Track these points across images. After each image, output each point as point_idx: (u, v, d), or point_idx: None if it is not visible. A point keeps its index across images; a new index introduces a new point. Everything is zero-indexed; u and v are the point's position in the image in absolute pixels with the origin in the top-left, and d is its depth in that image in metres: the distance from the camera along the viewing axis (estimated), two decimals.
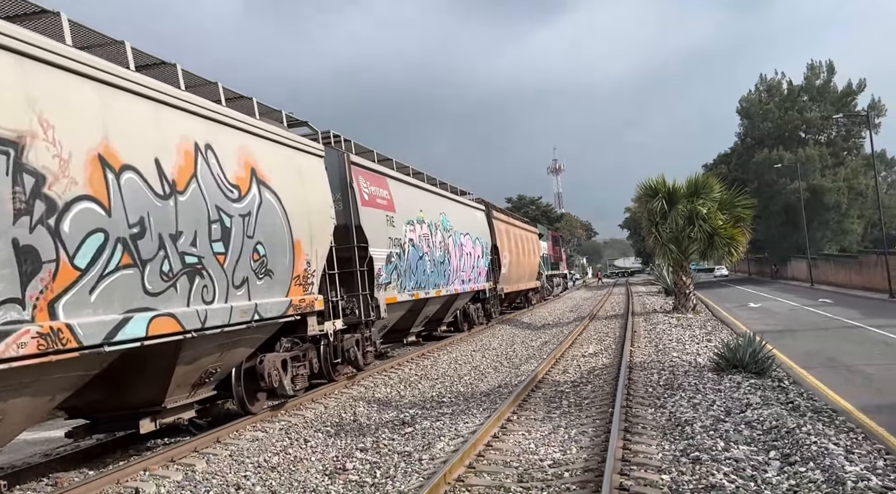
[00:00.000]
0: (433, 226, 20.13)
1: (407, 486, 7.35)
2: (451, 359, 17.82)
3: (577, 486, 6.91)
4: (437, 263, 20.08)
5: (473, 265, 24.71)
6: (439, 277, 20.25)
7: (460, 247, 22.99)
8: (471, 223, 25.21)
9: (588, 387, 12.43)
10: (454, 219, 22.62)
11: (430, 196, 20.86)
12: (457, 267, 22.21)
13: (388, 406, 12.17)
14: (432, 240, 19.80)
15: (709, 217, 26.72)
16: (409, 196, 18.42)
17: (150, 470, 8.48)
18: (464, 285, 23.15)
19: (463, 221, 23.88)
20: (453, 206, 23.27)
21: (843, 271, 44.36)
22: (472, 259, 24.64)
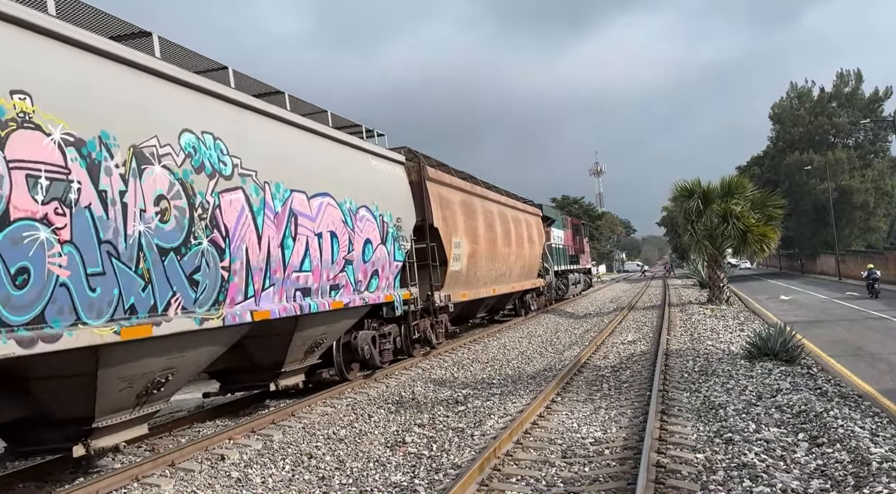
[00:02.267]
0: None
1: (460, 459, 7.35)
2: (500, 345, 17.77)
3: (616, 463, 6.82)
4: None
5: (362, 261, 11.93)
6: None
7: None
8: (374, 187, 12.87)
9: (627, 372, 12.26)
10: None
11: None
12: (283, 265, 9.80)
13: (443, 386, 12.19)
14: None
15: (742, 215, 26.19)
16: None
17: (234, 439, 8.66)
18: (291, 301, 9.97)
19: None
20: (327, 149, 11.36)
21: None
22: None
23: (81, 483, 6.90)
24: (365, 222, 11.98)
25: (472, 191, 19.02)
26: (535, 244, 25.88)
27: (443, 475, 6.86)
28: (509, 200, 23.75)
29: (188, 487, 6.95)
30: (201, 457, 7.92)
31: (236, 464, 7.72)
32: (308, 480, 7.08)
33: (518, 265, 23.15)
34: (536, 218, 27.58)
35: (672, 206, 36.22)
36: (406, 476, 6.98)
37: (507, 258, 21.48)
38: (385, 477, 6.97)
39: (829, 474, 6.17)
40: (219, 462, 7.79)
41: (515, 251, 22.44)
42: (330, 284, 10.67)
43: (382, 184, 13.09)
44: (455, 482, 6.13)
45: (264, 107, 9.56)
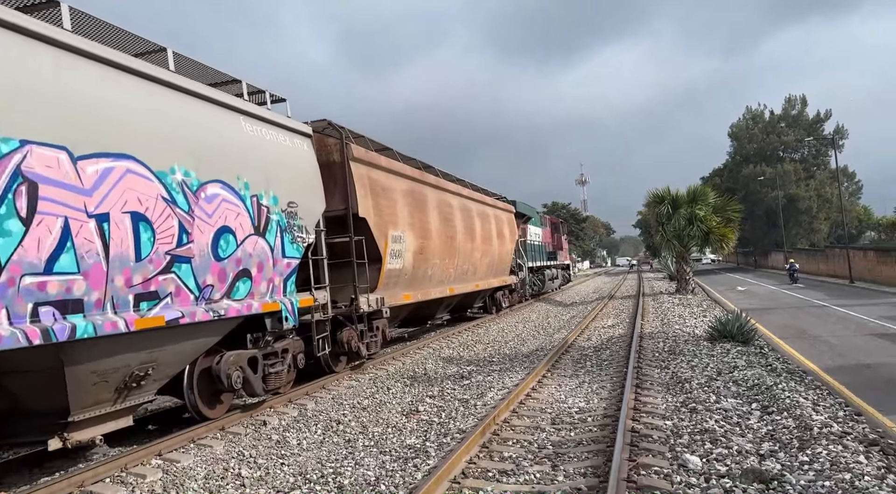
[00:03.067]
0: None
1: (465, 425, 7.32)
2: (499, 329, 17.70)
3: (597, 428, 6.77)
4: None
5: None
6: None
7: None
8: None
9: (607, 352, 12.18)
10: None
11: None
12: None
13: (451, 363, 12.15)
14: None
15: (705, 219, 26.16)
16: None
17: (274, 408, 8.64)
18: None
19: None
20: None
21: (812, 261, 42.70)
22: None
23: (147, 444, 6.91)
24: (220, 204, 7.48)
25: (423, 180, 14.16)
26: (506, 240, 20.58)
27: (450, 438, 6.82)
28: (475, 194, 18.33)
29: (235, 448, 6.94)
30: (247, 423, 7.92)
31: (276, 429, 7.71)
32: (336, 442, 7.06)
33: (485, 262, 18.32)
34: (509, 214, 22.12)
35: (646, 211, 35.95)
36: (419, 439, 6.95)
37: (471, 255, 16.86)
38: (401, 440, 6.94)
39: (778, 438, 6.10)
40: (261, 426, 7.79)
41: (482, 247, 17.62)
42: (137, 292, 6.26)
43: (266, 157, 8.49)
44: (460, 444, 6.10)
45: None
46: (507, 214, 21.87)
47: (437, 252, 14.34)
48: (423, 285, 13.86)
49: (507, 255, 21.20)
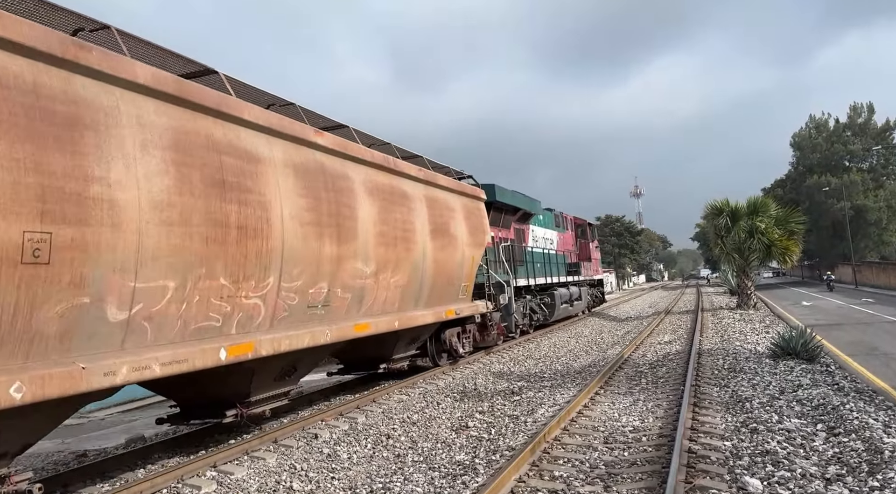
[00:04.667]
0: None
1: (515, 442, 7.23)
2: (551, 344, 17.47)
3: (652, 448, 6.58)
4: None
5: None
6: None
7: None
8: None
9: (663, 369, 11.85)
10: None
11: None
12: None
13: (501, 378, 12.05)
14: None
15: (766, 231, 25.26)
16: None
17: (325, 421, 8.74)
18: None
19: None
20: None
21: (883, 275, 40.57)
22: None
23: (203, 455, 7.08)
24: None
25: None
26: (461, 244, 12.03)
27: (499, 455, 6.75)
28: (381, 158, 9.75)
29: (287, 460, 7.04)
30: (299, 435, 8.03)
31: (327, 442, 7.79)
32: (386, 457, 7.08)
33: (400, 281, 9.95)
34: (472, 202, 13.14)
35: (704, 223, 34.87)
36: (468, 455, 6.90)
37: (361, 271, 8.67)
38: (450, 456, 6.91)
39: (845, 461, 5.79)
40: (312, 439, 7.88)
41: (404, 255, 9.94)
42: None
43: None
44: (510, 462, 6.02)
45: None
46: (468, 201, 12.91)
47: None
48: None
49: (463, 268, 12.30)
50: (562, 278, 22.59)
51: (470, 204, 13.04)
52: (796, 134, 60.31)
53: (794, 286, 54.74)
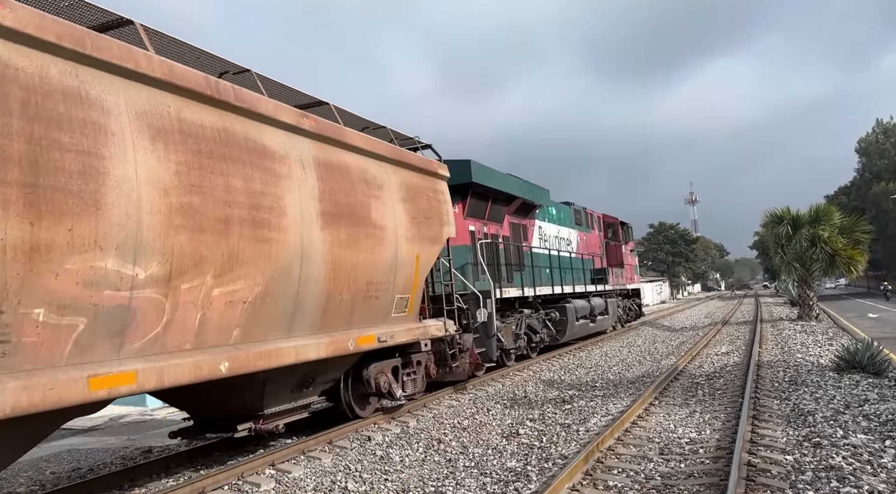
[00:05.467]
0: None
1: (567, 451, 7.20)
2: (602, 353, 17.26)
3: (710, 461, 6.46)
4: None
5: None
6: None
7: None
8: None
9: (720, 380, 11.58)
10: None
11: None
12: None
13: (552, 386, 11.98)
14: None
15: (830, 240, 24.33)
16: None
17: (378, 424, 8.89)
18: None
19: None
20: None
21: None
22: None
23: (262, 453, 7.31)
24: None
25: None
26: (400, 238, 8.53)
27: (552, 464, 6.74)
28: (192, 78, 5.63)
29: (342, 461, 7.20)
30: (352, 437, 8.19)
31: (380, 445, 7.92)
32: (437, 461, 7.15)
33: (281, 292, 6.45)
34: (427, 181, 9.60)
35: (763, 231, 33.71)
36: (519, 463, 6.91)
37: (112, 274, 4.75)
38: (502, 463, 6.93)
39: None
40: (366, 442, 8.02)
41: (254, 249, 6.06)
42: None
43: None
44: (562, 470, 6.01)
45: None
46: (413, 178, 9.20)
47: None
48: None
49: (397, 274, 8.54)
50: (581, 287, 18.23)
51: (416, 181, 9.10)
52: (862, 139, 57.96)
53: (859, 297, 52.48)
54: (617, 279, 22.82)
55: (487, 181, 13.07)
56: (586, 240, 20.65)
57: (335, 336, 7.35)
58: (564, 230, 18.74)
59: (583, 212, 20.90)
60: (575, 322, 16.86)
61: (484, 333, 11.71)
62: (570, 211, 19.61)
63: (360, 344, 7.75)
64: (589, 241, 20.94)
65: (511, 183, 14.47)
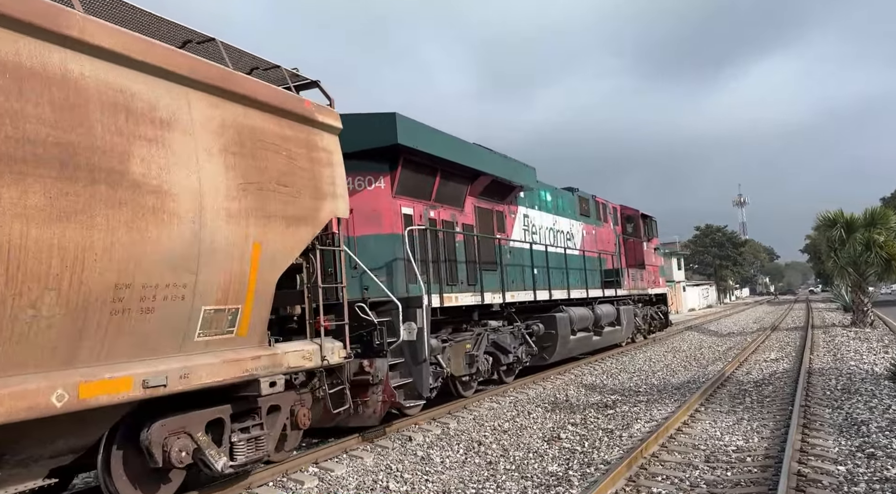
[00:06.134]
0: None
1: (610, 456, 7.14)
2: (646, 358, 17.01)
3: (758, 469, 6.32)
4: None
5: None
6: None
7: None
8: None
9: (769, 387, 11.30)
10: None
11: None
12: None
13: (594, 391, 11.88)
14: None
15: (885, 244, 23.45)
16: None
17: (419, 424, 8.97)
18: None
19: None
20: None
21: None
22: None
23: (305, 452, 7.44)
24: None
25: None
26: (214, 214, 5.39)
27: (594, 469, 6.70)
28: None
29: (384, 461, 7.29)
30: (394, 437, 8.29)
31: (420, 445, 7.99)
32: (478, 463, 7.18)
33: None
34: (293, 129, 6.46)
35: (815, 235, 32.68)
36: (561, 467, 6.88)
37: None
38: (543, 467, 6.92)
39: None
40: (407, 442, 8.11)
41: None
42: None
43: None
44: (605, 475, 5.97)
45: None
46: (253, 116, 5.99)
47: None
48: None
49: (208, 270, 5.38)
50: (581, 291, 14.80)
51: (263, 126, 6.13)
52: None
53: None
54: (635, 282, 19.50)
55: (429, 146, 9.39)
56: (596, 234, 17.26)
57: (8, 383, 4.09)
58: (564, 221, 15.36)
59: (591, 200, 17.56)
60: (570, 335, 13.48)
61: (411, 357, 8.53)
62: (572, 198, 16.24)
63: (87, 396, 4.49)
64: (599, 236, 17.50)
65: (472, 153, 10.71)
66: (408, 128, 8.96)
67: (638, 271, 19.83)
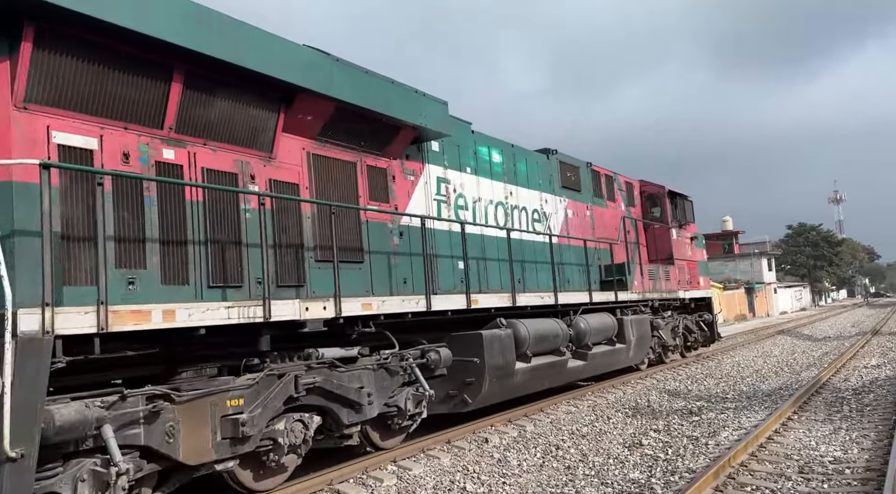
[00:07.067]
0: None
1: (695, 464, 6.91)
2: (734, 363, 16.34)
3: (858, 482, 5.96)
4: None
5: None
6: None
7: None
8: None
9: (870, 395, 10.61)
10: None
11: None
12: None
13: (677, 396, 11.52)
14: None
15: None
16: None
17: (495, 426, 8.98)
18: None
19: None
20: None
21: None
22: None
23: (385, 451, 7.59)
24: None
25: None
26: None
27: (678, 477, 6.50)
28: None
29: (460, 462, 7.34)
30: (470, 438, 8.33)
31: (497, 447, 8.00)
32: (556, 468, 7.11)
33: None
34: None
35: None
36: (643, 474, 6.72)
37: None
38: (624, 474, 6.78)
39: None
40: (483, 443, 8.13)
41: None
42: None
43: None
44: (690, 484, 5.79)
45: None
46: None
47: None
48: None
49: None
50: (548, 296, 10.25)
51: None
52: None
53: None
54: (656, 282, 14.42)
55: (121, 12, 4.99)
56: (591, 216, 13.08)
57: None
58: (528, 194, 11.12)
59: (585, 168, 13.21)
60: (512, 364, 8.95)
61: None
62: (547, 164, 11.88)
63: None
64: (600, 220, 13.37)
65: (264, 46, 6.17)
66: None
67: (662, 268, 14.97)
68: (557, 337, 10.18)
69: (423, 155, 8.92)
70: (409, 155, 8.61)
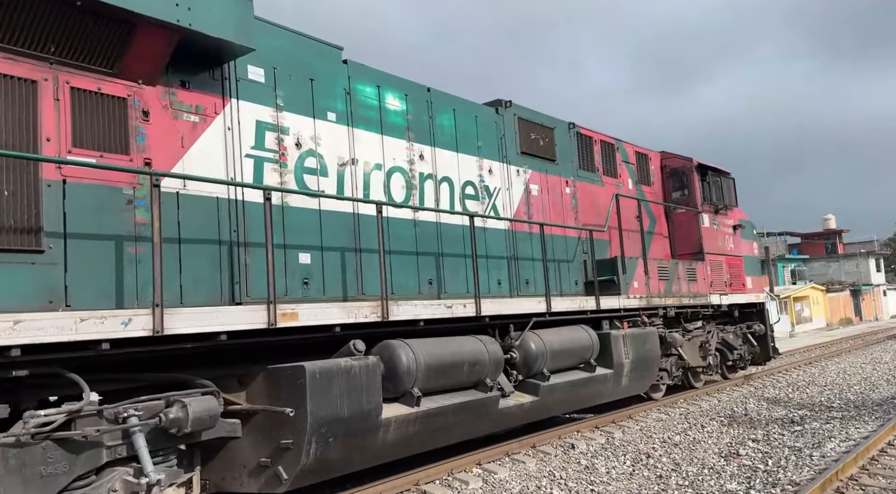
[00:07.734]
0: None
1: (798, 477, 6.53)
2: (839, 370, 15.34)
3: None
4: None
5: None
6: None
7: None
8: None
9: None
10: None
11: None
12: None
13: (777, 405, 10.93)
14: None
15: None
16: None
17: (581, 432, 8.82)
18: None
19: None
20: None
21: None
22: None
23: (469, 453, 7.59)
24: None
25: None
26: None
27: (779, 490, 6.16)
28: None
29: (546, 467, 7.25)
30: (556, 444, 8.21)
31: (584, 453, 7.85)
32: (647, 476, 6.90)
33: None
34: None
35: None
36: (741, 486, 6.41)
37: None
38: (720, 484, 6.49)
39: None
40: (570, 449, 8.00)
41: None
42: None
43: None
44: None
45: None
46: None
47: None
48: None
49: None
50: (468, 305, 7.08)
51: None
52: None
53: None
54: (671, 284, 11.03)
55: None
56: (577, 196, 9.99)
57: None
58: (459, 160, 8.10)
59: (566, 131, 9.99)
60: (372, 416, 5.83)
61: None
62: (498, 120, 8.82)
63: None
64: (590, 200, 10.20)
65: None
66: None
67: (683, 265, 11.54)
68: (477, 365, 6.99)
69: (227, 85, 5.76)
70: (189, 82, 5.47)
